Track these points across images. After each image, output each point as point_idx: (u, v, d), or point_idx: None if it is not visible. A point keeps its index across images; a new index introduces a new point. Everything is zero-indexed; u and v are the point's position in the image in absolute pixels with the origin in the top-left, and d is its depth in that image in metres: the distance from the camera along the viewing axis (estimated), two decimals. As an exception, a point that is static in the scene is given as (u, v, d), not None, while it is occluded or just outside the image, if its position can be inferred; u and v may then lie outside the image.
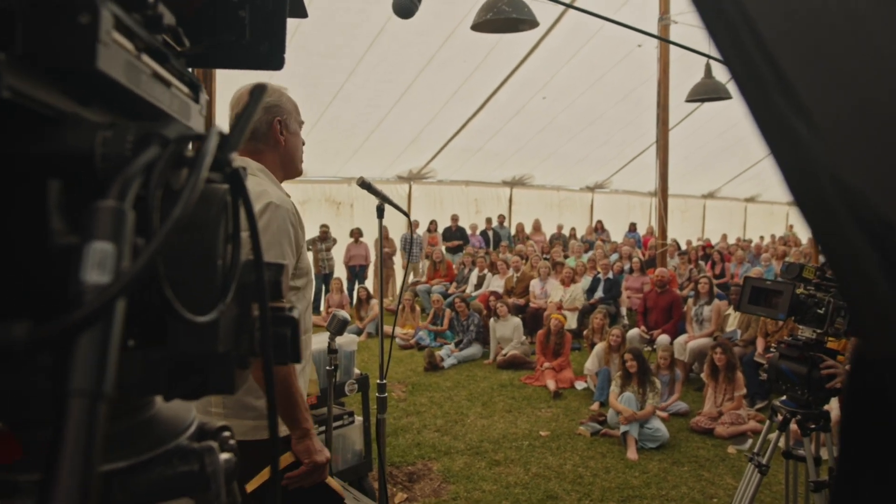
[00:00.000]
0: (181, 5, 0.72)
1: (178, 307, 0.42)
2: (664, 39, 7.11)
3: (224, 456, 0.55)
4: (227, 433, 0.59)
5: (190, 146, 0.50)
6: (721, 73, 7.61)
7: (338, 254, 11.72)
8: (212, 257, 0.47)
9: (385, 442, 2.42)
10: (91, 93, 0.45)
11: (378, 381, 2.47)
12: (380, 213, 2.47)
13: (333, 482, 2.02)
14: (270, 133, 2.02)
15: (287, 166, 2.09)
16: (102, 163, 0.41)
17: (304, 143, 2.15)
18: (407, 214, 2.48)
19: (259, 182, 1.94)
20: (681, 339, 7.59)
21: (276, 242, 1.83)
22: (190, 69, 0.73)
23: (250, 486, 1.79)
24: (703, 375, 6.55)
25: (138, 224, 0.37)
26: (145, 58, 0.49)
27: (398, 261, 12.96)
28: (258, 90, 0.49)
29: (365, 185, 2.39)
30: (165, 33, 0.54)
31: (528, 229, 14.86)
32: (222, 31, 0.77)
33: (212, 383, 0.52)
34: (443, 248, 12.71)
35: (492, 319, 8.59)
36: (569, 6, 5.70)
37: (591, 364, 6.99)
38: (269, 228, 1.83)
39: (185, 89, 0.57)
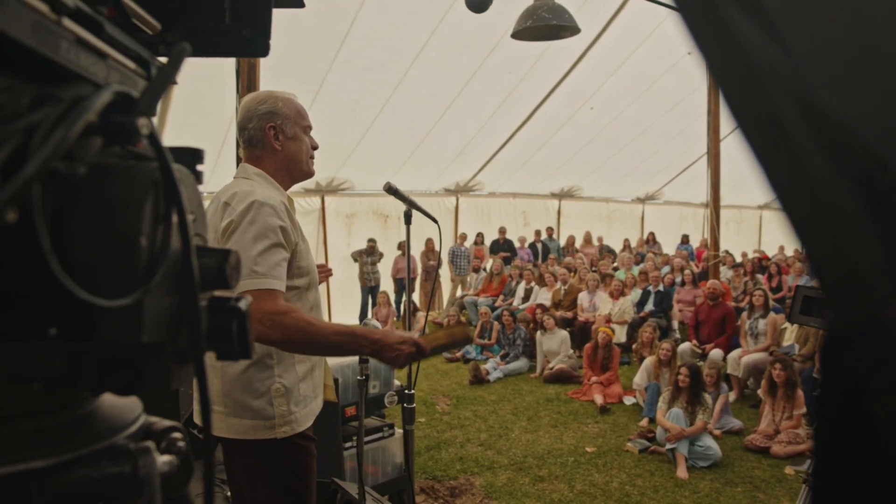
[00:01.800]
0: (148, -16, 0.69)
1: (71, 284, 0.37)
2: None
3: (164, 458, 0.50)
4: (175, 434, 0.54)
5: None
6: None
7: (385, 267, 11.76)
8: (132, 237, 0.43)
9: (413, 453, 2.36)
10: (1, 59, 0.42)
11: (407, 391, 2.43)
12: (407, 219, 2.44)
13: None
14: (265, 140, 2.05)
15: (290, 170, 2.12)
16: (-5, 128, 0.38)
17: (316, 147, 2.16)
18: (435, 220, 2.43)
19: (250, 184, 1.99)
20: (734, 353, 7.31)
21: (263, 236, 1.84)
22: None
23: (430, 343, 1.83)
24: (759, 392, 6.28)
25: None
26: (68, 23, 0.45)
27: (445, 273, 12.94)
28: (178, 53, 0.44)
29: (392, 190, 2.36)
30: (105, 4, 0.51)
31: (578, 242, 14.65)
32: (200, 16, 0.74)
33: (144, 378, 0.48)
34: (500, 260, 12.57)
35: (539, 332, 8.45)
36: None
37: (640, 379, 6.79)
38: (255, 223, 1.84)
39: (131, 64, 0.54)
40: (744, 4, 0.23)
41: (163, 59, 0.66)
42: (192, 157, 0.55)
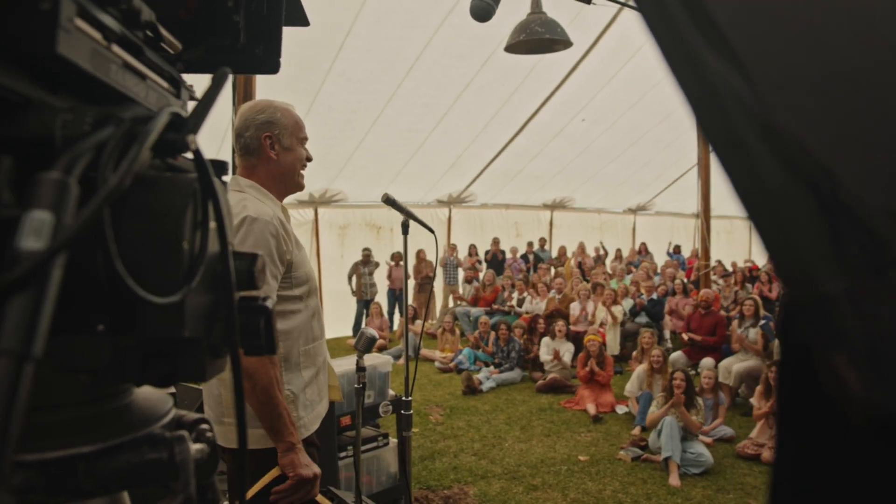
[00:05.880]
0: (174, 7, 0.74)
1: (131, 283, 0.42)
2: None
3: (196, 446, 0.55)
4: (204, 425, 0.59)
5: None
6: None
7: (379, 278, 11.76)
8: (176, 242, 0.48)
9: (410, 459, 2.39)
10: (59, 81, 0.47)
11: (404, 398, 2.47)
12: (404, 229, 2.49)
13: (324, 501, 2.01)
14: (261, 149, 2.06)
15: (283, 181, 2.13)
16: (63, 144, 0.42)
17: (310, 159, 2.18)
18: (431, 230, 2.49)
19: (242, 198, 1.99)
20: (725, 362, 7.37)
21: None
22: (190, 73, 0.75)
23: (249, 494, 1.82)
24: (752, 399, 6.35)
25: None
26: (116, 48, 0.50)
27: (439, 284, 12.99)
28: (220, 76, 0.49)
29: (389, 201, 2.41)
30: (143, 29, 0.56)
31: (570, 252, 14.73)
32: (217, 35, 0.79)
33: (182, 371, 0.52)
34: (492, 270, 12.62)
35: (546, 337, 8.56)
36: (624, 4, 5.62)
37: (631, 387, 6.84)
38: (246, 242, 1.87)
39: (165, 84, 0.59)
40: (711, 40, 0.28)
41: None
42: (219, 169, 0.59)
